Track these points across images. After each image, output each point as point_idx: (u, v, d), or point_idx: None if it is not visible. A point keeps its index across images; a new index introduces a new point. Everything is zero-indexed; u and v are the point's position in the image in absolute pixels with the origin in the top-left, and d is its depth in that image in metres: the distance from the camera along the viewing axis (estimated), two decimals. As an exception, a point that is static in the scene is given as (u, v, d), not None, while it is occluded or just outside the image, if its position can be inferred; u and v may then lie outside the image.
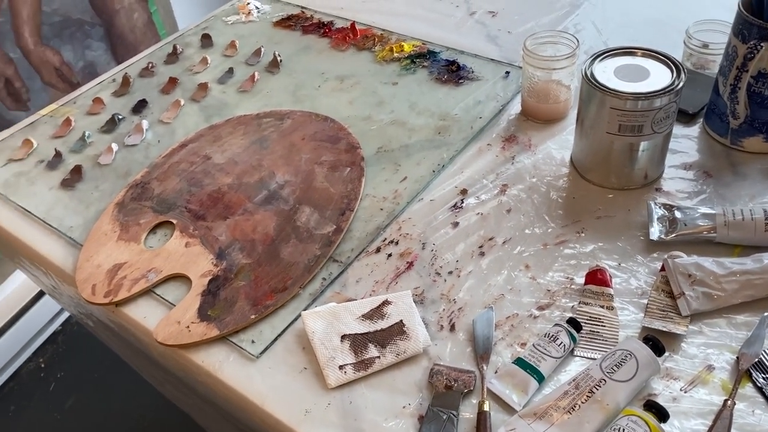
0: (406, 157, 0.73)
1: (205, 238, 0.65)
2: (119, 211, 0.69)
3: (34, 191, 0.74)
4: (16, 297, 1.37)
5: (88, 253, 0.65)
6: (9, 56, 1.25)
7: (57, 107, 0.85)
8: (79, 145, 0.79)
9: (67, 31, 1.35)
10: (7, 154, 0.79)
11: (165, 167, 0.74)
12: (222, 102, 0.84)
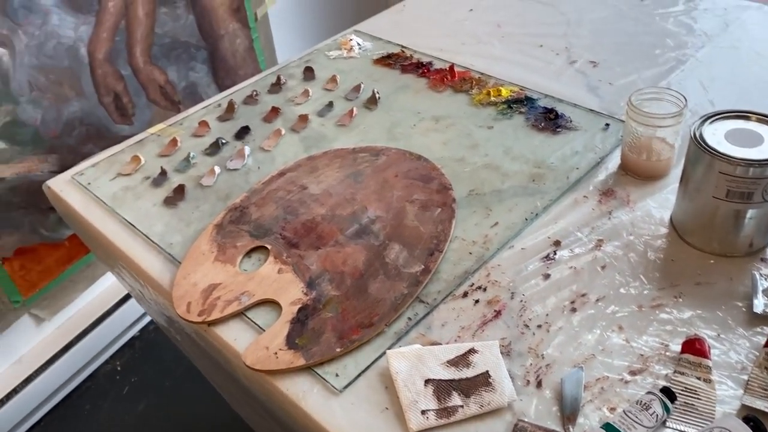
0: (499, 203, 0.73)
1: (297, 266, 0.67)
2: (218, 233, 0.72)
3: (139, 206, 0.78)
4: (101, 301, 1.44)
5: (185, 271, 0.68)
6: (120, 73, 1.33)
7: (165, 127, 0.90)
8: (184, 165, 0.83)
9: (174, 52, 1.43)
10: (116, 168, 0.84)
11: (263, 193, 0.77)
12: (320, 134, 0.86)
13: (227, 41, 1.54)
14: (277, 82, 0.97)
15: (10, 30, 1.12)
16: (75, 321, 1.40)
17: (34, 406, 1.33)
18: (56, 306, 1.35)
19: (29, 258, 1.28)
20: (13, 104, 1.16)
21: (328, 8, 1.89)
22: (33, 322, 1.33)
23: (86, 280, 1.40)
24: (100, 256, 0.85)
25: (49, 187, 0.83)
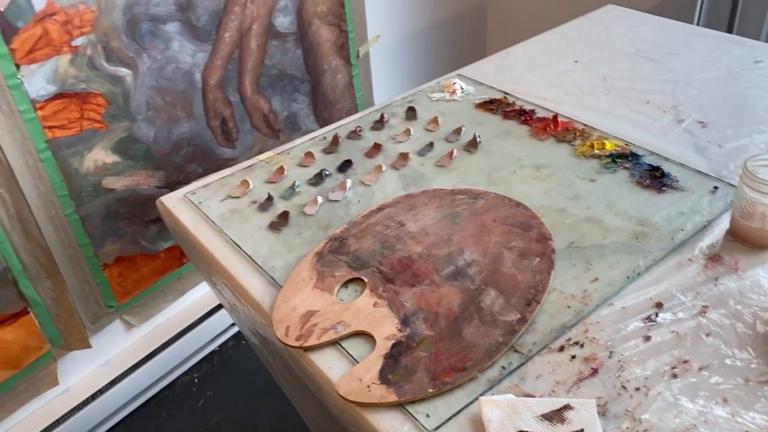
0: (599, 258, 0.72)
1: (392, 302, 0.68)
2: (318, 261, 0.74)
3: (245, 228, 0.81)
4: (186, 314, 1.49)
5: (285, 295, 0.70)
6: (229, 99, 1.41)
7: (273, 155, 0.94)
8: (289, 192, 0.86)
9: (280, 83, 1.50)
10: (226, 190, 0.88)
11: (362, 226, 0.79)
12: (420, 173, 0.88)
13: (329, 76, 1.60)
14: (380, 119, 1.00)
15: (136, 53, 1.21)
16: (161, 330, 1.46)
17: (115, 409, 1.39)
18: (146, 314, 1.42)
19: (127, 266, 1.35)
20: (131, 121, 1.25)
21: (426, 51, 1.94)
22: (123, 327, 1.40)
23: (175, 293, 1.46)
24: (201, 269, 0.89)
25: (162, 203, 0.88)
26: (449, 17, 1.96)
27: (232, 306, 0.85)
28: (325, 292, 0.70)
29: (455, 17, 1.98)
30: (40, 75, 1.10)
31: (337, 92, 1.64)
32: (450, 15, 1.96)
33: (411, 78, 1.92)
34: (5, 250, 1.14)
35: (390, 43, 1.78)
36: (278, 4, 1.41)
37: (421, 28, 1.89)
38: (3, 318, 1.17)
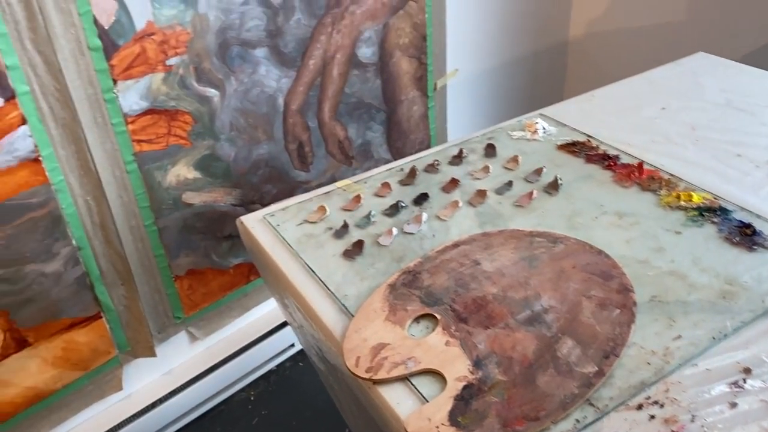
0: (683, 315, 0.69)
1: (464, 342, 0.67)
2: (390, 293, 0.74)
3: (320, 254, 0.82)
4: (248, 331, 1.52)
5: (357, 325, 0.70)
6: (308, 124, 1.44)
7: (351, 183, 0.95)
8: (364, 222, 0.87)
9: (357, 111, 1.52)
10: (303, 215, 0.89)
11: (437, 261, 0.78)
12: (497, 212, 0.87)
13: (405, 107, 1.62)
14: (458, 154, 0.99)
15: (225, 75, 1.26)
16: (223, 345, 1.48)
17: (172, 419, 1.42)
18: (210, 327, 1.44)
19: (197, 279, 1.38)
20: (214, 140, 1.29)
21: (503, 87, 1.93)
22: (188, 339, 1.43)
23: (240, 309, 1.49)
24: (273, 289, 0.90)
25: (242, 222, 0.90)
26: (528, 55, 1.96)
27: (300, 328, 0.85)
28: (396, 326, 0.70)
29: (535, 55, 1.98)
30: (134, 91, 1.15)
31: (412, 123, 1.65)
32: (529, 52, 1.96)
33: (485, 113, 1.92)
34: (86, 255, 1.18)
35: (467, 78, 1.79)
36: (363, 35, 1.44)
37: (499, 65, 1.89)
38: (77, 321, 1.22)
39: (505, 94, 1.96)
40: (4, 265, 1.09)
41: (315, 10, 1.34)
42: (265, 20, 1.27)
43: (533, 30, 1.93)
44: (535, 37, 1.94)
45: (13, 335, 1.15)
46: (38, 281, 1.14)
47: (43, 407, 1.24)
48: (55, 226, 1.12)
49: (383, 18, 1.46)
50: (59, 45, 1.03)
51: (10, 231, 1.08)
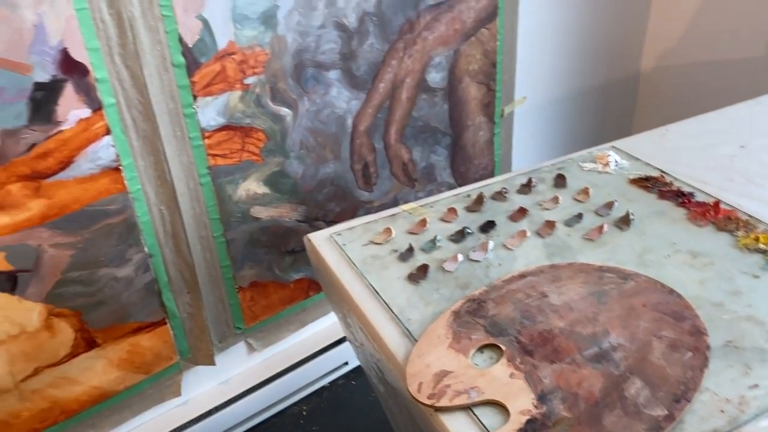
0: (761, 363, 0.66)
1: (529, 375, 0.66)
2: (455, 320, 0.74)
3: (385, 276, 0.83)
4: (305, 346, 1.53)
5: (420, 350, 0.70)
6: (374, 145, 1.45)
7: (417, 207, 0.96)
8: (429, 246, 0.87)
9: (422, 135, 1.53)
10: (369, 235, 0.90)
11: (503, 291, 0.78)
12: (565, 244, 0.86)
13: (471, 132, 1.62)
14: (527, 183, 0.99)
15: (299, 95, 1.29)
16: (279, 358, 1.50)
17: (227, 428, 1.44)
18: (268, 340, 1.47)
19: (258, 292, 1.41)
20: (284, 157, 1.32)
21: (570, 117, 1.91)
22: (246, 349, 1.46)
23: (297, 323, 1.51)
24: (336, 307, 0.91)
25: (309, 239, 0.91)
26: (598, 86, 1.93)
27: (360, 347, 0.86)
28: (460, 354, 0.69)
29: (604, 86, 1.95)
30: (212, 107, 1.19)
31: (477, 148, 1.65)
32: (599, 84, 1.93)
33: (551, 143, 1.90)
34: (157, 262, 1.23)
35: (535, 106, 1.78)
36: (433, 60, 1.45)
37: (568, 94, 1.87)
38: (143, 325, 1.26)
39: (572, 125, 1.94)
40: (81, 267, 1.14)
41: (388, 35, 1.36)
42: (339, 43, 1.30)
43: (604, 61, 1.90)
44: (606, 68, 1.92)
45: (84, 335, 1.20)
46: (110, 285, 1.19)
47: (106, 407, 1.28)
48: (129, 232, 1.17)
49: (455, 44, 1.47)
50: (146, 61, 1.08)
51: (88, 235, 1.13)
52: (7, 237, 1.05)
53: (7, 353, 1.12)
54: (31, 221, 1.07)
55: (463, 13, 1.46)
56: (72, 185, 1.09)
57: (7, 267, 1.07)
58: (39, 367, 1.17)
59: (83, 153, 1.08)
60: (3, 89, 0.97)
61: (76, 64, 1.02)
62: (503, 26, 1.55)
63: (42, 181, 1.06)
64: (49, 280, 1.12)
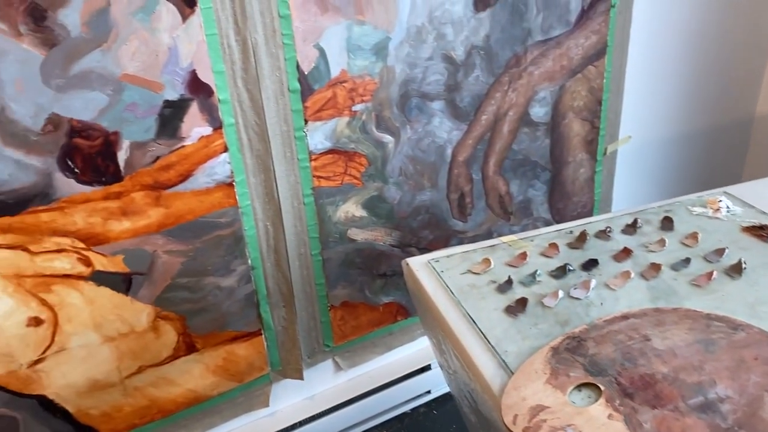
0: None
1: (629, 419, 0.65)
2: (553, 356, 0.73)
3: (482, 306, 0.83)
4: (389, 370, 1.55)
5: (516, 383, 0.70)
6: (471, 176, 1.47)
7: (517, 240, 0.96)
8: (529, 280, 0.87)
9: (521, 168, 1.53)
10: (467, 265, 0.92)
11: (604, 331, 0.77)
12: (671, 288, 0.84)
13: (572, 168, 1.60)
14: (632, 224, 0.97)
15: (402, 124, 1.33)
16: (363, 380, 1.52)
17: (307, 443, 1.47)
18: (354, 360, 1.49)
19: (348, 312, 1.44)
20: (383, 183, 1.36)
21: (676, 159, 1.85)
22: (333, 367, 1.49)
23: (384, 347, 1.53)
24: (431, 333, 0.93)
25: (407, 264, 0.94)
26: (708, 128, 1.87)
27: (454, 374, 0.86)
28: (557, 390, 0.69)
29: (715, 129, 1.88)
30: (320, 131, 1.25)
31: (576, 185, 1.63)
32: (710, 126, 1.86)
33: (654, 184, 1.85)
34: (258, 275, 1.29)
35: (639, 146, 1.74)
36: (537, 95, 1.46)
37: (675, 136, 1.82)
38: (240, 335, 1.32)
39: (678, 167, 1.87)
40: (189, 274, 1.22)
41: (494, 68, 1.38)
42: (445, 75, 1.33)
43: (716, 103, 1.84)
44: (717, 110, 1.85)
45: (185, 339, 1.27)
46: (214, 293, 1.26)
47: (199, 410, 1.34)
48: (236, 245, 1.24)
49: (560, 80, 1.47)
50: (264, 85, 1.15)
51: (199, 245, 1.20)
52: (126, 241, 1.14)
53: (117, 350, 1.20)
54: (149, 228, 1.15)
55: (571, 50, 1.46)
56: (188, 197, 1.17)
57: (124, 269, 1.16)
58: (143, 366, 1.24)
59: (201, 167, 1.15)
60: (136, 105, 1.06)
61: (203, 85, 1.10)
62: (611, 64, 1.53)
63: (162, 191, 1.14)
64: (160, 284, 1.20)
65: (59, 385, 1.18)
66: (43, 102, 1.00)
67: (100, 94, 1.03)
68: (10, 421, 1.16)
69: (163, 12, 1.03)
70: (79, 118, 1.03)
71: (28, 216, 1.05)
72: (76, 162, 1.05)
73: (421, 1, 1.24)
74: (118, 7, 0.99)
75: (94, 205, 1.09)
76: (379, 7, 1.20)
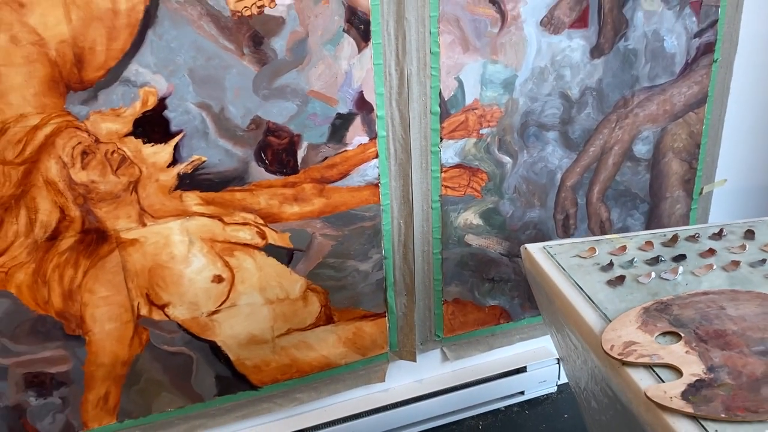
0: None
1: (702, 354, 0.86)
2: (644, 313, 0.96)
3: (587, 279, 1.07)
4: (488, 367, 1.77)
5: (614, 326, 0.93)
6: (577, 200, 1.70)
7: (619, 237, 1.19)
8: (627, 264, 1.09)
9: (622, 198, 1.74)
10: (576, 251, 1.15)
11: (687, 300, 0.98)
12: (747, 279, 1.04)
13: (668, 204, 1.80)
14: (719, 232, 1.18)
15: (519, 148, 1.59)
16: (466, 372, 1.75)
17: (412, 422, 1.70)
18: (459, 353, 1.73)
19: (458, 308, 1.69)
20: (499, 198, 1.61)
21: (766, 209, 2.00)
22: (440, 356, 1.73)
23: (485, 345, 1.75)
24: (546, 311, 1.16)
25: (526, 248, 1.18)
26: (805, 179, 2.00)
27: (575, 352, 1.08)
28: (646, 333, 0.91)
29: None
30: (451, 149, 1.53)
31: (672, 220, 1.82)
32: (806, 177, 2.00)
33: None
34: (388, 264, 1.56)
35: (734, 189, 1.91)
36: (641, 134, 1.68)
37: None
38: (368, 314, 1.59)
39: (773, 213, 2.01)
40: (336, 256, 1.51)
41: (604, 107, 1.62)
42: (561, 110, 1.59)
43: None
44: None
45: (326, 311, 1.55)
46: (352, 275, 1.54)
47: (327, 375, 1.61)
48: (375, 236, 1.52)
49: (663, 123, 1.69)
50: (412, 107, 1.45)
51: (347, 232, 1.50)
52: (294, 222, 1.45)
53: (273, 312, 1.50)
54: (312, 213, 1.46)
55: (674, 97, 1.68)
56: (344, 191, 1.47)
57: (288, 245, 1.46)
58: (291, 329, 1.53)
59: (357, 169, 1.46)
60: (316, 114, 1.38)
61: (366, 103, 1.41)
62: (711, 112, 1.74)
63: (326, 185, 1.44)
64: (313, 261, 1.49)
65: (227, 334, 1.48)
66: (251, 106, 1.33)
67: (292, 104, 1.36)
68: (187, 359, 1.47)
69: (345, 44, 1.35)
70: (275, 121, 1.36)
71: (226, 193, 1.38)
72: (267, 155, 1.38)
73: (545, 47, 1.51)
74: (313, 38, 1.32)
75: (275, 190, 1.41)
76: (510, 51, 1.49)
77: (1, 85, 1.14)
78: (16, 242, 1.26)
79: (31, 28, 1.13)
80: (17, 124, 1.18)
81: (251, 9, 1.26)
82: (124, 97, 1.22)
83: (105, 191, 1.28)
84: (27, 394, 1.37)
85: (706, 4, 1.62)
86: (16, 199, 1.23)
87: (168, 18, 1.20)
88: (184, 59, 1.24)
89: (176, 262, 1.38)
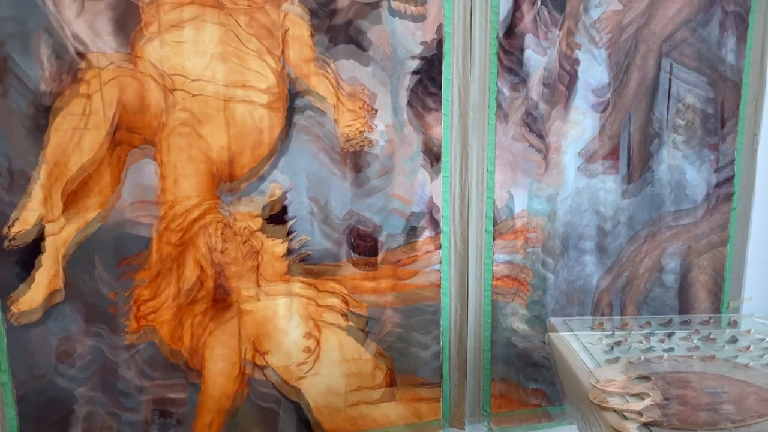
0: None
1: (664, 390, 1.17)
2: (628, 363, 1.28)
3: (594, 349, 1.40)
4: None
5: (603, 369, 1.26)
6: (612, 303, 2.02)
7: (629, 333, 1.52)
8: (626, 347, 1.42)
9: (653, 304, 2.05)
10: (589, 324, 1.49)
11: (663, 359, 1.29)
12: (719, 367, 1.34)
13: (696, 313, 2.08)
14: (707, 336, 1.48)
15: (561, 252, 1.95)
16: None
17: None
18: (504, 427, 2.01)
19: (505, 387, 1.99)
20: (542, 308, 1.96)
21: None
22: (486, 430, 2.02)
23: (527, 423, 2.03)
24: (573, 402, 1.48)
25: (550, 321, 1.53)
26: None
27: None
28: (625, 375, 1.23)
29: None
30: (501, 248, 1.92)
31: (701, 329, 2.09)
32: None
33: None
34: (445, 340, 1.92)
35: (759, 306, 2.16)
36: (668, 250, 2.02)
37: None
38: (426, 382, 1.93)
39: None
40: (402, 327, 1.89)
41: (635, 225, 1.98)
42: (596, 224, 1.96)
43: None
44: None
45: (390, 374, 1.90)
46: (415, 345, 1.90)
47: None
48: (435, 313, 1.90)
49: (689, 242, 2.02)
50: (471, 210, 1.87)
51: (412, 306, 1.88)
52: (371, 294, 1.85)
53: (348, 368, 1.87)
54: (385, 289, 1.86)
55: (698, 236, 2.02)
56: (412, 274, 1.87)
57: (365, 313, 1.86)
58: (360, 386, 1.89)
59: (423, 256, 1.87)
60: (397, 210, 1.83)
61: (434, 205, 1.85)
62: (734, 236, 2.06)
63: (399, 268, 1.86)
64: (384, 329, 1.88)
65: (309, 383, 1.86)
66: (346, 201, 1.79)
67: (378, 201, 1.81)
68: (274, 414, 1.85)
69: (421, 160, 1.81)
70: (364, 214, 1.81)
71: (320, 281, 1.81)
72: (355, 240, 1.82)
73: (583, 173, 1.92)
74: (398, 155, 1.80)
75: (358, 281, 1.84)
76: (553, 173, 1.90)
77: (177, 174, 1.66)
78: (166, 302, 1.73)
79: (204, 140, 1.66)
80: (183, 202, 1.68)
81: (355, 147, 1.75)
82: (258, 189, 1.72)
83: (235, 271, 1.74)
84: (153, 413, 1.79)
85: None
86: (172, 272, 1.71)
87: (295, 135, 1.71)
88: (304, 165, 1.73)
89: (278, 326, 1.80)
